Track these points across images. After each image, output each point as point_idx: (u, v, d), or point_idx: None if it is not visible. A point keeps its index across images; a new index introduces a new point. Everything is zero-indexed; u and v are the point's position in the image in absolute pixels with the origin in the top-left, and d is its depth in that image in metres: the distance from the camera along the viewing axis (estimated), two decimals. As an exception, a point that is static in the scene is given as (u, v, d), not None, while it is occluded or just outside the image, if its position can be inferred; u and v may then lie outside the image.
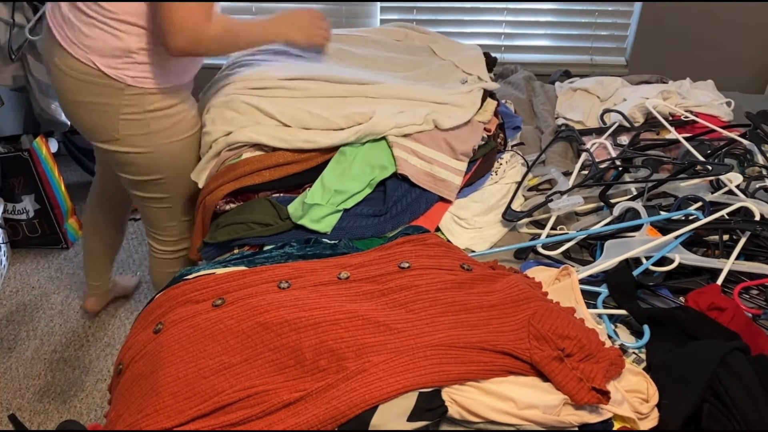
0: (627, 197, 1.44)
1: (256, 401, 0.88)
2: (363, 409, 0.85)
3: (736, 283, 1.21)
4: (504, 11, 2.68)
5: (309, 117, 1.43)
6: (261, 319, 0.96)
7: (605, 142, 1.65)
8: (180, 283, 1.11)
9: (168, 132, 1.47)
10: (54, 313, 2.22)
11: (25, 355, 2.06)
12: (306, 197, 1.31)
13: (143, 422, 0.87)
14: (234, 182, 1.37)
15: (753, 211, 1.28)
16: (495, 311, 1.00)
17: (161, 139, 1.47)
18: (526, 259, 1.35)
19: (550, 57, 2.77)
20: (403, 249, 1.16)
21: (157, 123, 1.44)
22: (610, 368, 0.95)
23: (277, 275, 1.08)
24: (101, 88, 1.38)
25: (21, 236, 2.47)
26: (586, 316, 1.07)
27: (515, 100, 1.99)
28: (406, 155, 1.39)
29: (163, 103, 1.43)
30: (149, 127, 1.44)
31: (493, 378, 0.91)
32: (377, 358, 0.91)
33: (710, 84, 1.97)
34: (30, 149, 2.32)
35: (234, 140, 1.42)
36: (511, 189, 1.54)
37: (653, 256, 1.23)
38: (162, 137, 1.46)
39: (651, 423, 0.94)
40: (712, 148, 1.58)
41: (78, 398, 1.93)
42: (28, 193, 2.39)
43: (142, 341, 1.01)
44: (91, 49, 1.35)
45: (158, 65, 1.38)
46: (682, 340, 1.06)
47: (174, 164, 1.52)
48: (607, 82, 1.99)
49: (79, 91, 1.40)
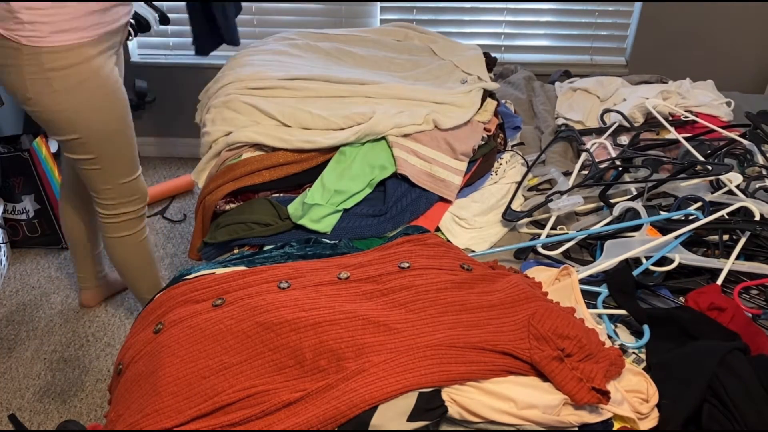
0: (627, 197, 1.44)
1: (256, 401, 0.88)
2: (363, 409, 0.85)
3: (736, 283, 1.21)
4: (504, 11, 2.67)
5: (309, 117, 1.43)
6: (261, 319, 0.96)
7: (605, 142, 1.65)
8: (180, 283, 1.11)
9: (75, 91, 1.46)
10: (54, 313, 2.22)
11: (25, 355, 2.06)
12: (306, 197, 1.31)
13: (143, 422, 0.87)
14: (234, 182, 1.37)
15: (753, 211, 1.28)
16: (495, 311, 1.00)
17: (69, 98, 1.46)
18: (526, 259, 1.35)
19: (550, 57, 2.77)
20: (403, 249, 1.16)
21: (60, 82, 1.44)
22: (610, 368, 0.95)
23: (277, 275, 1.08)
24: (4, 50, 1.40)
25: (21, 236, 2.47)
26: (586, 316, 1.07)
27: (515, 100, 1.98)
28: (405, 155, 1.39)
29: (63, 62, 1.43)
30: (53, 86, 1.44)
31: (493, 378, 0.91)
32: (377, 358, 0.91)
33: (710, 84, 1.97)
34: (30, 149, 2.32)
35: (234, 140, 1.42)
36: (511, 189, 1.54)
37: (653, 256, 1.23)
38: (69, 96, 1.46)
39: (651, 423, 0.94)
40: (712, 148, 1.58)
41: (78, 398, 1.93)
42: (28, 193, 2.39)
43: (142, 341, 1.01)
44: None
45: (46, 24, 1.38)
46: (682, 340, 1.06)
47: (89, 123, 1.52)
48: (607, 82, 1.99)
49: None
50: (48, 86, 1.44)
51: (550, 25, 2.71)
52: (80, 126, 1.51)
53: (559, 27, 2.71)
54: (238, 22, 1.75)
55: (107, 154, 1.60)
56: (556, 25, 2.70)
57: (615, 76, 2.05)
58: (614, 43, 2.76)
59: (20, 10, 1.36)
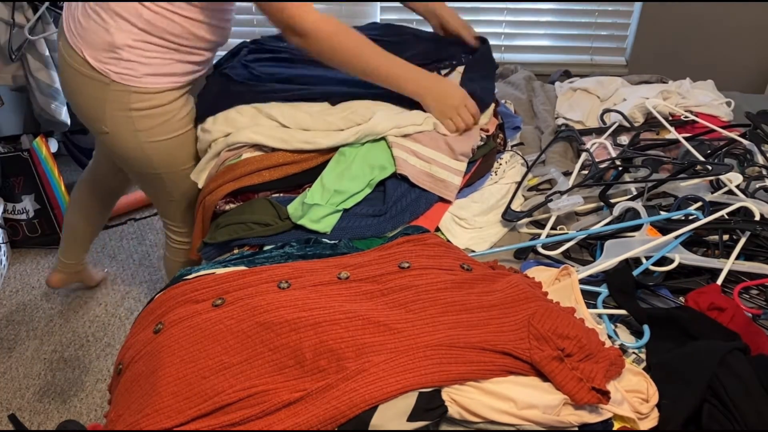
0: (627, 197, 1.43)
1: (256, 401, 0.88)
2: (363, 409, 0.85)
3: (736, 283, 1.21)
4: (504, 11, 2.68)
5: (309, 118, 1.43)
6: (261, 319, 0.96)
7: (605, 142, 1.65)
8: (180, 283, 1.11)
9: (154, 131, 1.46)
10: (54, 313, 2.22)
11: (25, 355, 2.06)
12: (306, 197, 1.31)
13: (143, 422, 0.87)
14: (234, 182, 1.37)
15: (753, 211, 1.28)
16: (495, 311, 1.00)
17: (148, 138, 1.46)
18: (526, 259, 1.35)
19: (550, 57, 2.77)
20: (403, 249, 1.16)
21: (142, 122, 1.43)
22: (610, 368, 0.95)
23: (277, 275, 1.08)
24: (90, 81, 1.39)
25: (21, 236, 2.47)
26: (586, 316, 1.07)
27: (515, 100, 1.98)
28: (405, 155, 1.39)
29: (149, 103, 1.42)
30: (135, 125, 1.43)
31: (493, 378, 0.91)
32: (377, 358, 0.91)
33: (710, 84, 1.97)
34: (30, 149, 2.32)
35: (234, 141, 1.42)
36: (510, 189, 1.54)
37: (653, 256, 1.23)
38: (148, 135, 1.46)
39: (651, 423, 0.94)
40: (712, 148, 1.58)
41: (78, 398, 1.93)
42: (28, 193, 2.39)
43: (142, 341, 1.01)
44: (83, 39, 1.37)
45: (144, 65, 1.38)
46: (682, 340, 1.05)
47: (166, 162, 1.52)
48: (607, 82, 1.99)
49: (74, 80, 1.42)
50: (130, 124, 1.43)
51: (550, 25, 2.71)
52: (157, 164, 1.51)
53: (559, 27, 2.71)
54: (239, 21, 1.75)
55: (182, 190, 1.60)
56: (556, 25, 2.70)
57: (615, 76, 2.05)
58: (614, 43, 2.76)
59: (124, 48, 1.34)
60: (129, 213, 2.71)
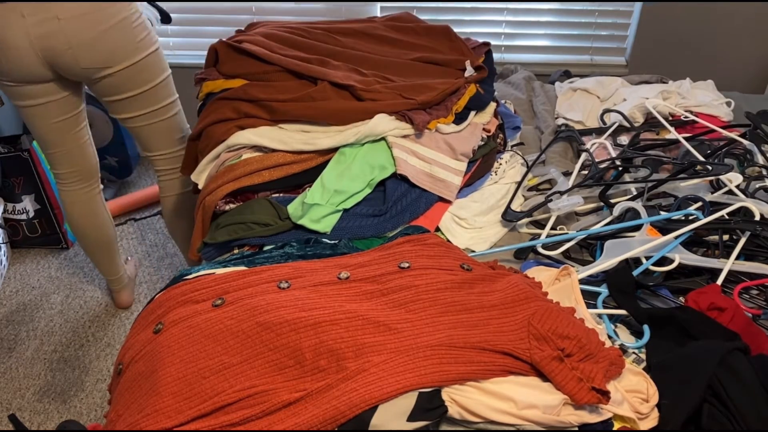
0: (627, 197, 1.44)
1: (256, 401, 0.88)
2: (363, 409, 0.85)
3: (736, 283, 1.21)
4: (504, 11, 2.68)
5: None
6: (261, 319, 0.96)
7: (605, 142, 1.65)
8: (180, 283, 1.11)
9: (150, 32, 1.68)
10: (54, 313, 2.22)
11: (25, 355, 2.06)
12: (306, 197, 1.31)
13: (143, 422, 0.87)
14: (233, 182, 1.37)
15: (753, 211, 1.28)
16: (495, 311, 1.00)
17: (154, 37, 1.69)
18: (526, 259, 1.35)
19: (550, 57, 2.77)
20: (403, 249, 1.16)
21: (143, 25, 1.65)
22: (610, 368, 0.95)
23: (277, 275, 1.08)
24: (112, 8, 1.55)
25: (21, 236, 2.47)
26: (586, 316, 1.07)
27: (515, 100, 1.98)
28: (405, 155, 1.39)
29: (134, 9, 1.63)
30: (146, 28, 1.66)
31: (493, 378, 0.91)
32: (377, 358, 0.91)
33: (710, 84, 1.97)
34: (30, 149, 2.32)
35: (233, 142, 1.42)
36: (510, 189, 1.54)
37: (653, 256, 1.23)
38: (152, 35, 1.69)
39: (651, 423, 0.94)
40: (712, 148, 1.58)
41: (78, 398, 1.93)
42: (28, 193, 2.39)
43: (141, 341, 1.01)
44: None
45: None
46: (682, 340, 1.05)
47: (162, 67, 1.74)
48: (607, 82, 1.99)
49: (98, 21, 1.54)
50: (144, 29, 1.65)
51: (550, 25, 2.71)
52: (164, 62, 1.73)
53: (559, 27, 2.71)
54: (239, 22, 1.76)
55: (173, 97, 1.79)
56: (556, 25, 2.70)
57: (615, 76, 2.05)
58: (614, 43, 2.76)
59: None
60: (129, 213, 2.71)
